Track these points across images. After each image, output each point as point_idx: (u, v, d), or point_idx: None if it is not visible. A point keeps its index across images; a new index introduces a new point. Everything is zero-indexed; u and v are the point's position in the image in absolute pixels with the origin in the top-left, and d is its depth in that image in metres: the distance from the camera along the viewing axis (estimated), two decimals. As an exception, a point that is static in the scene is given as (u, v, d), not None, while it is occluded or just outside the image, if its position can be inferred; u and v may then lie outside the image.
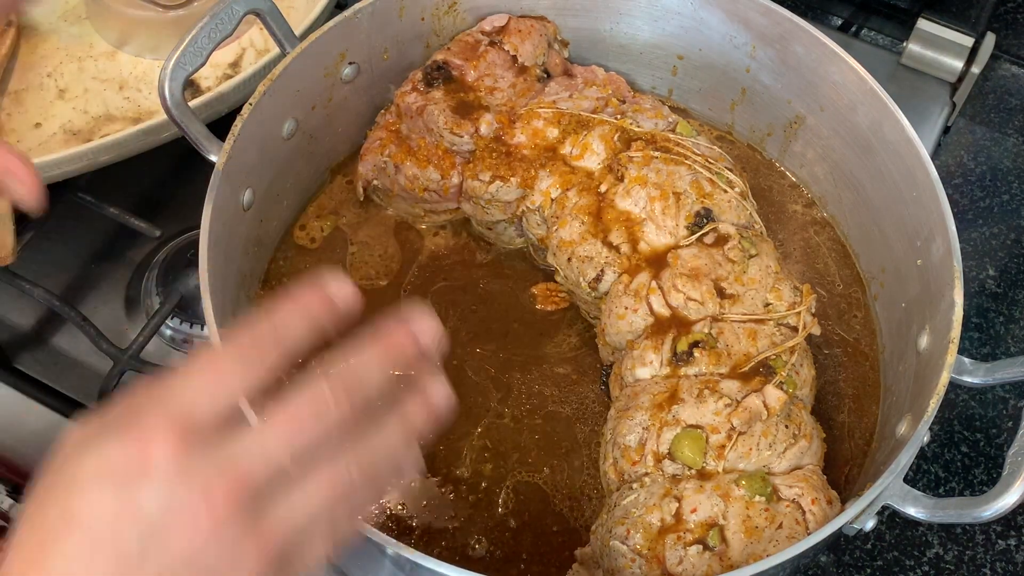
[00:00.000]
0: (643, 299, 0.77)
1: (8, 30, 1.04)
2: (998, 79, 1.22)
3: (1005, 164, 1.14)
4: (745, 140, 1.00)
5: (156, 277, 0.95)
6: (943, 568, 0.89)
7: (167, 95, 0.75)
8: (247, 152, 0.80)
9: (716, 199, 0.82)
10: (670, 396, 0.72)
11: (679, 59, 0.97)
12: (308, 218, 0.94)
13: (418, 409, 0.51)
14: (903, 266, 0.83)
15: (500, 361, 0.86)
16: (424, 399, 0.51)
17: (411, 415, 0.50)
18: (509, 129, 0.86)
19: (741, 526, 0.67)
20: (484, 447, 0.81)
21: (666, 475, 0.70)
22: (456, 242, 0.93)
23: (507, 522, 0.78)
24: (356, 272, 0.90)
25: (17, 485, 0.87)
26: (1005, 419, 0.97)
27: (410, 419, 0.50)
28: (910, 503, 0.67)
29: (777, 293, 0.78)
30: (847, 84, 0.86)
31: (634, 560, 0.67)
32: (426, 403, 0.51)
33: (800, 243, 0.94)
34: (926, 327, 0.77)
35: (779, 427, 0.71)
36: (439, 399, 0.52)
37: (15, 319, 0.95)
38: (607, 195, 0.82)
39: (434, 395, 0.52)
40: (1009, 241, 1.09)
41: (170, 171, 1.04)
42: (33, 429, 0.88)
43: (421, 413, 0.51)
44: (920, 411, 0.69)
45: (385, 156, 0.89)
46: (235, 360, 0.47)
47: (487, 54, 0.90)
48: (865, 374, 0.87)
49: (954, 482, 0.94)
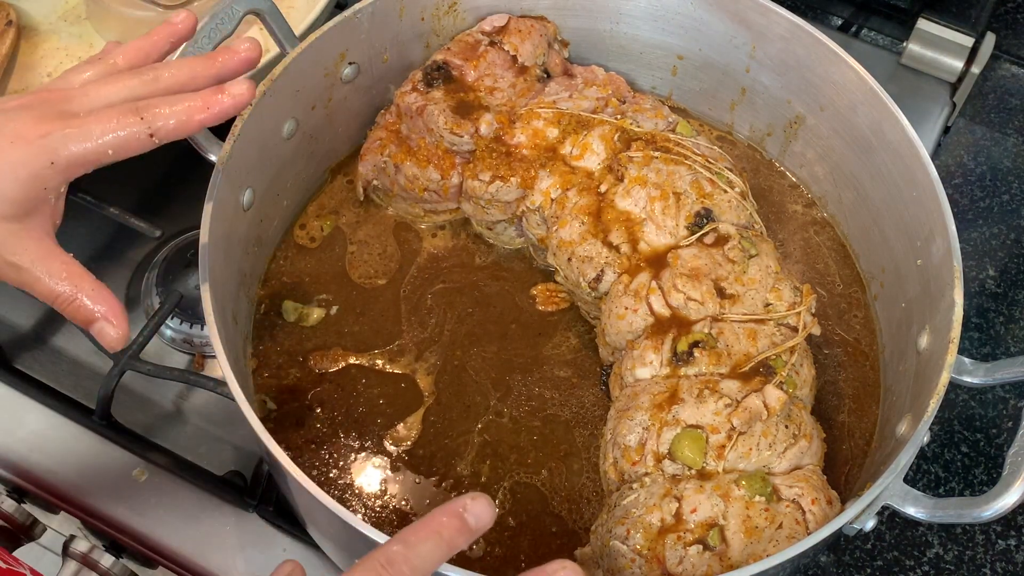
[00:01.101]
0: (643, 299, 0.77)
1: (8, 30, 1.04)
2: (998, 79, 1.22)
3: (1005, 164, 1.14)
4: (745, 140, 1.00)
5: (156, 277, 0.95)
6: (943, 568, 0.89)
7: (167, 95, 0.75)
8: (247, 152, 0.80)
9: (716, 199, 0.82)
10: (670, 396, 0.72)
11: (679, 59, 0.97)
12: (308, 217, 0.94)
13: (451, 523, 0.52)
14: (903, 266, 0.83)
15: (500, 362, 0.86)
16: (458, 512, 0.53)
17: (442, 526, 0.52)
18: (509, 129, 0.86)
19: (741, 526, 0.67)
20: (484, 444, 0.81)
21: (666, 475, 0.70)
22: (455, 243, 0.93)
23: (506, 522, 0.78)
24: (355, 271, 0.91)
25: (17, 486, 0.87)
26: (1005, 419, 0.97)
27: (440, 528, 0.52)
28: (910, 503, 0.67)
29: (777, 293, 0.78)
30: (847, 84, 0.86)
31: (634, 560, 0.67)
32: (459, 519, 0.53)
33: (800, 243, 0.94)
34: (926, 327, 0.77)
35: (779, 427, 0.71)
36: (475, 518, 0.53)
37: (15, 319, 0.96)
38: (607, 195, 0.82)
39: (471, 512, 0.53)
40: (1009, 241, 1.09)
41: (170, 171, 1.04)
42: (33, 429, 0.88)
43: (452, 527, 0.52)
44: (920, 411, 0.69)
45: (385, 156, 0.89)
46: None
47: (487, 54, 0.90)
48: (865, 374, 0.87)
49: (954, 482, 0.94)
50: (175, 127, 0.62)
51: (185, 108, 0.63)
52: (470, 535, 0.52)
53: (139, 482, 0.85)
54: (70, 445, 0.87)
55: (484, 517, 0.52)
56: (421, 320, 0.88)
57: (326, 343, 0.86)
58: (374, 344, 0.87)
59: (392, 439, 0.82)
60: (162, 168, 1.04)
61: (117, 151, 0.62)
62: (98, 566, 0.88)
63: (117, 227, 1.00)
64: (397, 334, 0.87)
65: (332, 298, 0.89)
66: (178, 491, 0.85)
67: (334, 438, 0.82)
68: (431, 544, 0.50)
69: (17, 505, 0.91)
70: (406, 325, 0.88)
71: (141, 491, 0.85)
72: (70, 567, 0.88)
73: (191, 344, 0.94)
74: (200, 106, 0.63)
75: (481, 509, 0.52)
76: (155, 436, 0.89)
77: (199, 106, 0.63)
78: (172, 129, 0.62)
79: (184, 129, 0.63)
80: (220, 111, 0.64)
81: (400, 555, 0.49)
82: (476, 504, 0.52)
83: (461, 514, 0.52)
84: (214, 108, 0.63)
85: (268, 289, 0.89)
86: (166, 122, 0.62)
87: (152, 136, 0.62)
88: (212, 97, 0.63)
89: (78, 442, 0.87)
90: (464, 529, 0.51)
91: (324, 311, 0.88)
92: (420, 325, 0.88)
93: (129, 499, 0.85)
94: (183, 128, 0.63)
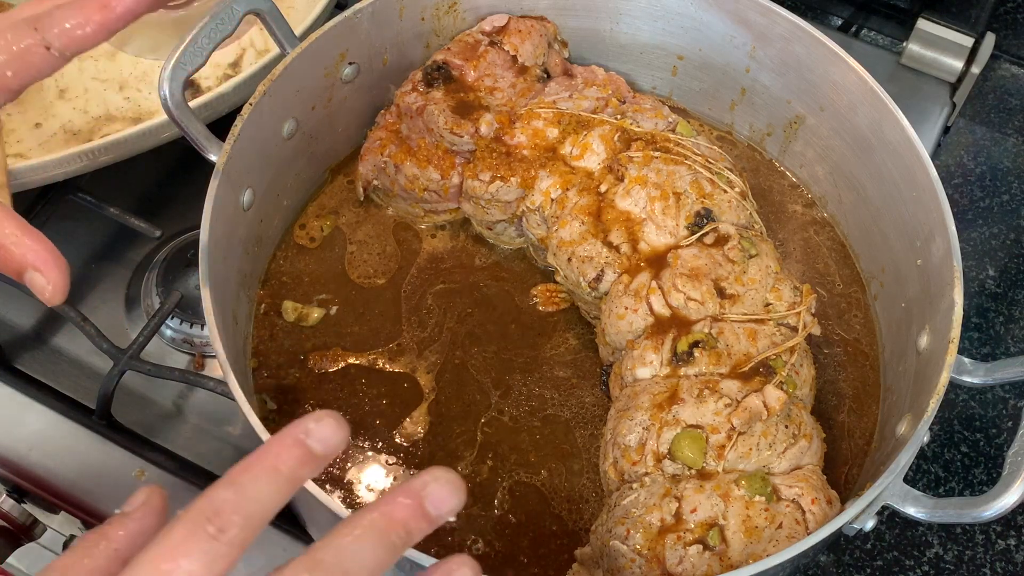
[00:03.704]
0: (643, 299, 0.77)
1: (8, 30, 1.04)
2: (998, 79, 1.22)
3: (1005, 164, 1.14)
4: (745, 140, 1.00)
5: (156, 277, 0.95)
6: (943, 568, 0.89)
7: (167, 95, 0.75)
8: (247, 152, 0.80)
9: (716, 199, 0.82)
10: (670, 396, 0.72)
11: (679, 59, 0.97)
12: (308, 217, 0.94)
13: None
14: (903, 266, 0.83)
15: (500, 362, 0.86)
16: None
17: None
18: (509, 129, 0.86)
19: (741, 526, 0.67)
20: (484, 444, 0.81)
21: (666, 475, 0.70)
22: (454, 244, 0.93)
23: (505, 522, 0.78)
24: (354, 270, 0.91)
25: (17, 485, 0.87)
26: (1005, 419, 0.97)
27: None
28: (910, 503, 0.67)
29: (777, 293, 0.78)
30: (847, 84, 0.86)
31: (634, 560, 0.67)
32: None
33: (800, 243, 0.94)
34: (926, 327, 0.77)
35: (779, 427, 0.71)
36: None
37: (15, 319, 0.95)
38: (607, 195, 0.82)
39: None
40: (1009, 241, 1.09)
41: (170, 171, 1.04)
42: (33, 429, 0.88)
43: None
44: (920, 411, 0.69)
45: (385, 156, 0.89)
46: (191, 540, 0.39)
47: (487, 54, 0.90)
48: (865, 374, 0.87)
49: (954, 482, 0.94)
50: (70, 33, 0.57)
51: (79, 11, 0.58)
52: (316, 465, 0.42)
53: (139, 482, 0.85)
54: (70, 445, 0.87)
55: (332, 440, 0.42)
56: (421, 320, 0.88)
57: (326, 343, 0.87)
58: (374, 344, 0.87)
59: (393, 438, 0.82)
60: (162, 168, 1.04)
61: (17, 72, 0.57)
62: (98, 566, 0.88)
63: (117, 227, 1.00)
64: (397, 334, 0.87)
65: (332, 298, 0.89)
66: (178, 491, 0.85)
67: (334, 438, 0.81)
68: (267, 483, 0.41)
69: (17, 505, 0.91)
70: (406, 325, 0.88)
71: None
72: (70, 567, 0.88)
73: (191, 344, 0.94)
74: (95, 6, 0.58)
75: (328, 431, 0.42)
76: (155, 436, 0.89)
77: (94, 6, 0.58)
78: (69, 38, 0.57)
79: (81, 36, 0.58)
80: (121, 10, 0.59)
81: (229, 502, 0.39)
82: (322, 427, 0.42)
83: (303, 441, 0.42)
84: (112, 7, 0.58)
85: (268, 289, 0.89)
86: (61, 28, 0.57)
87: (49, 48, 0.57)
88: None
89: (78, 442, 0.87)
90: (308, 459, 0.42)
91: (324, 311, 0.88)
92: (420, 325, 0.88)
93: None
94: (80, 35, 0.58)
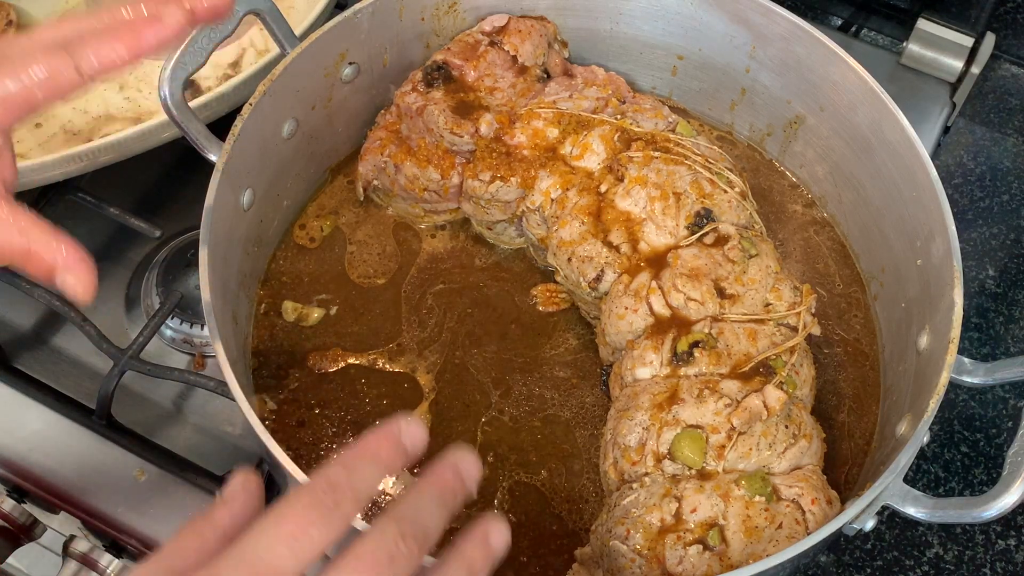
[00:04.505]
0: (643, 299, 0.77)
1: (8, 30, 1.05)
2: (998, 79, 1.22)
3: (1005, 164, 1.14)
4: (745, 140, 1.00)
5: (156, 277, 0.95)
6: (943, 568, 0.89)
7: (167, 95, 0.75)
8: (247, 152, 0.80)
9: (716, 199, 0.82)
10: (670, 396, 0.72)
11: (679, 59, 0.97)
12: (308, 217, 0.94)
13: (478, 553, 0.51)
14: (903, 266, 0.83)
15: (500, 362, 0.86)
16: (483, 540, 0.52)
17: (471, 558, 0.51)
18: (509, 129, 0.86)
19: (741, 526, 0.67)
20: (484, 444, 0.81)
21: (666, 475, 0.70)
22: (455, 244, 0.93)
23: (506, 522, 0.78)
24: (354, 270, 0.91)
25: (17, 485, 0.87)
26: (1005, 419, 0.97)
27: (470, 561, 0.51)
28: (910, 503, 0.67)
29: (777, 293, 0.78)
30: (847, 84, 0.86)
31: (634, 560, 0.67)
32: (486, 546, 0.52)
33: (800, 243, 0.94)
34: (926, 327, 0.77)
35: (779, 427, 0.71)
36: (498, 542, 0.52)
37: (15, 319, 0.95)
38: (607, 195, 0.82)
39: (494, 538, 0.52)
40: (1009, 241, 1.09)
41: (170, 171, 1.04)
42: (33, 429, 0.88)
43: (480, 557, 0.51)
44: (920, 411, 0.69)
45: (385, 156, 0.89)
46: (314, 510, 0.46)
47: (487, 54, 0.90)
48: (865, 374, 0.87)
49: (954, 482, 0.94)
50: (102, 59, 0.58)
51: (111, 36, 0.58)
52: (406, 459, 0.51)
53: (139, 482, 0.85)
54: (70, 445, 0.87)
55: (418, 439, 0.52)
56: (421, 320, 0.88)
57: (326, 343, 0.87)
58: (374, 344, 0.87)
59: (392, 439, 0.82)
60: (162, 168, 1.04)
61: (46, 91, 0.58)
62: (98, 566, 0.88)
63: (117, 227, 1.00)
64: (397, 334, 0.87)
65: (332, 298, 0.89)
66: (178, 491, 0.85)
67: (334, 438, 0.82)
68: (371, 467, 0.49)
69: (17, 505, 0.91)
70: (406, 325, 0.88)
71: (141, 491, 0.85)
72: (70, 567, 0.88)
73: (191, 344, 0.93)
74: (127, 33, 0.59)
75: (416, 431, 0.51)
76: (155, 436, 0.89)
77: (127, 33, 0.59)
78: (100, 62, 0.58)
79: (110, 62, 0.58)
80: (151, 38, 0.59)
81: (344, 480, 0.48)
82: (411, 428, 0.51)
83: (397, 437, 0.51)
84: (142, 34, 0.59)
85: (268, 289, 0.89)
86: (97, 51, 0.58)
87: (78, 70, 0.58)
88: (141, 23, 0.59)
89: (78, 442, 0.87)
90: (401, 452, 0.51)
91: (324, 311, 0.88)
92: (420, 325, 0.88)
93: (129, 499, 0.85)
94: (109, 61, 0.58)
